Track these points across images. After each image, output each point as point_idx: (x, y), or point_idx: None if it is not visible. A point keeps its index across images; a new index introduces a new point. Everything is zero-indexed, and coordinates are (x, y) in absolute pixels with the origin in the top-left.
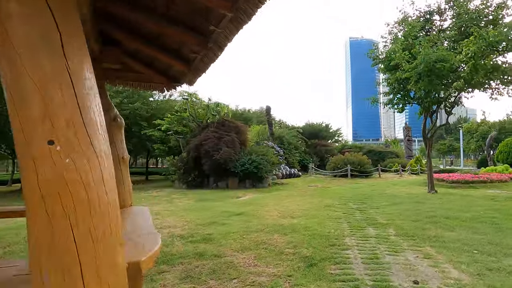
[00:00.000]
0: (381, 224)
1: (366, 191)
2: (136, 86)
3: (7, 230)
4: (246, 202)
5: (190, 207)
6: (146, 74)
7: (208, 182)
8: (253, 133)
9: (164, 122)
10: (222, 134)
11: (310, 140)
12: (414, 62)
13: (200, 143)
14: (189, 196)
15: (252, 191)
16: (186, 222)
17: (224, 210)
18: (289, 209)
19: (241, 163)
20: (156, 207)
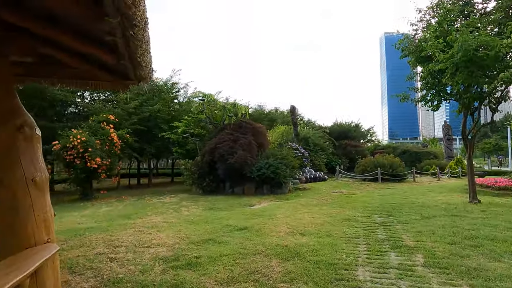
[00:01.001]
0: (407, 248)
1: (395, 200)
2: (79, 85)
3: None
4: (257, 213)
5: (194, 218)
6: (84, 70)
7: (224, 187)
8: (277, 134)
9: (181, 124)
10: (238, 137)
11: (338, 141)
12: (450, 51)
13: (214, 146)
14: (199, 204)
15: (268, 198)
16: (179, 238)
17: (228, 223)
18: (302, 222)
19: (258, 168)
20: (157, 218)
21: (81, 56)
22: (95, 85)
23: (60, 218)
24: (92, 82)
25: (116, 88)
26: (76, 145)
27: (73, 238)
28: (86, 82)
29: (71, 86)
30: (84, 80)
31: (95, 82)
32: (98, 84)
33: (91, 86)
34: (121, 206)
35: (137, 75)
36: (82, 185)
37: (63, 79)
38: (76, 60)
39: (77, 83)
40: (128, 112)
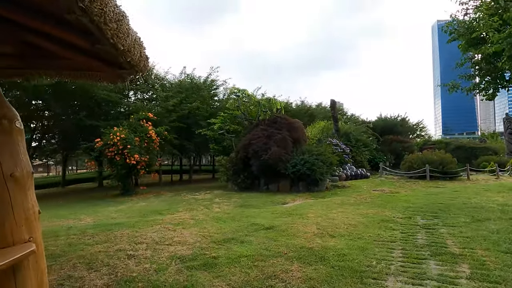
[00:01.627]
0: (450, 256)
1: (444, 199)
2: (76, 77)
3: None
4: (287, 211)
5: (222, 215)
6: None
7: (258, 184)
8: (316, 130)
9: (217, 121)
10: (272, 132)
11: (383, 136)
12: (508, 30)
13: (248, 143)
14: (231, 201)
15: (303, 196)
16: (202, 236)
17: (255, 221)
18: (334, 223)
19: (293, 164)
20: (186, 215)
21: (72, 46)
22: (92, 76)
23: (96, 212)
24: (89, 73)
25: (114, 80)
26: (116, 142)
27: (100, 233)
28: (83, 73)
29: (69, 78)
30: (81, 71)
31: (91, 73)
32: (95, 75)
33: (88, 77)
34: (157, 202)
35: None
36: (123, 181)
37: (60, 71)
38: (68, 51)
39: (75, 75)
40: (168, 109)
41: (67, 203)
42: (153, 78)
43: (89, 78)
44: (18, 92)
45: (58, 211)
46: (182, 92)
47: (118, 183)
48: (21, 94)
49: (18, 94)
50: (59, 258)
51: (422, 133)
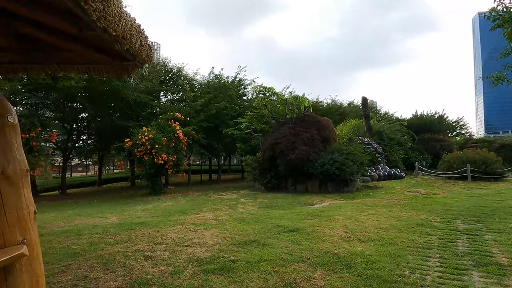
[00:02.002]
0: (497, 266)
1: (488, 202)
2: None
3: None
4: (314, 213)
5: (246, 216)
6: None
7: (286, 185)
8: (347, 128)
9: (244, 120)
10: (299, 131)
11: (419, 135)
12: None
13: (274, 142)
14: (257, 201)
15: (332, 197)
16: (222, 238)
17: (279, 223)
18: (363, 226)
19: (321, 164)
20: (210, 215)
21: (66, 35)
22: (97, 70)
23: (123, 211)
24: (93, 66)
25: (120, 73)
26: (145, 142)
27: (122, 232)
28: (86, 66)
29: (72, 71)
30: (84, 65)
31: (96, 67)
32: (100, 69)
33: (94, 71)
34: (183, 201)
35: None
36: (152, 180)
37: (63, 65)
38: (64, 41)
39: (78, 68)
40: (196, 109)
41: (99, 202)
42: (182, 79)
43: (95, 72)
44: (56, 94)
45: (88, 209)
46: (210, 92)
47: (147, 183)
48: (59, 96)
49: (57, 97)
50: (79, 257)
51: (463, 131)
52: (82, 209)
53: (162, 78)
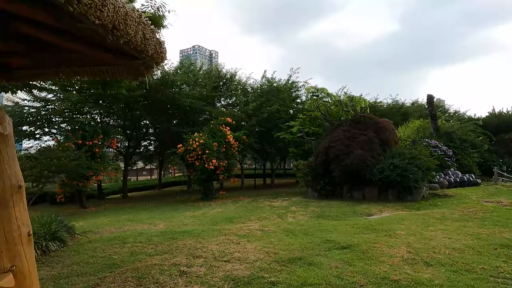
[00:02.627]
0: None
1: None
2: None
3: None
4: (371, 225)
5: (295, 227)
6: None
7: (341, 191)
8: (410, 130)
9: (296, 123)
10: (355, 134)
11: (497, 135)
12: None
13: (328, 145)
14: (308, 210)
15: (393, 206)
16: (265, 253)
17: (330, 237)
18: (431, 245)
19: (380, 169)
20: (256, 224)
21: (65, 34)
22: (109, 72)
23: (172, 218)
24: (105, 68)
25: (134, 75)
26: (196, 148)
27: (164, 242)
28: (98, 69)
29: (85, 75)
30: (94, 66)
31: (107, 68)
32: (112, 70)
33: (105, 73)
34: (232, 208)
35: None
36: (203, 186)
37: (75, 68)
38: (66, 40)
39: (90, 71)
40: (247, 114)
41: (154, 207)
42: (235, 84)
43: (108, 74)
44: (122, 104)
45: (141, 214)
46: (262, 96)
47: (199, 188)
48: (122, 106)
49: (120, 106)
50: (116, 269)
51: None
52: (136, 214)
53: (216, 84)
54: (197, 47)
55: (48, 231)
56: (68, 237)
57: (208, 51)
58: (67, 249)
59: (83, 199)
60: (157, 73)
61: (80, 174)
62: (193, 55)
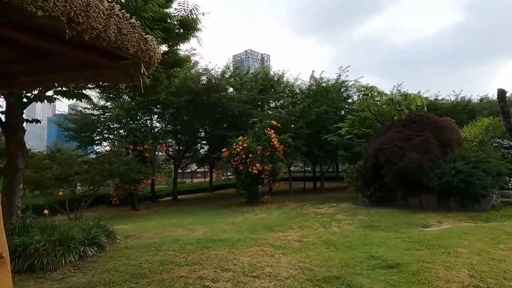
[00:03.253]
0: None
1: None
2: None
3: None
4: (426, 239)
5: (338, 238)
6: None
7: (394, 198)
8: (478, 129)
9: (344, 124)
10: (409, 135)
11: None
12: None
13: (378, 148)
14: (356, 218)
15: (455, 217)
16: (299, 269)
17: (376, 252)
18: (499, 268)
19: (439, 174)
20: (296, 234)
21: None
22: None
23: (213, 223)
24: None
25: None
26: (239, 152)
27: (197, 251)
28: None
29: (82, 80)
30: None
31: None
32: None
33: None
34: (276, 214)
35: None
36: (248, 190)
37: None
38: (56, 44)
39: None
40: (294, 115)
41: (200, 210)
42: (282, 86)
43: (103, 78)
44: (171, 110)
45: (185, 219)
46: (309, 97)
47: (245, 192)
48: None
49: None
50: (143, 279)
51: None
52: (181, 218)
53: (262, 87)
54: (249, 51)
55: (87, 236)
56: (108, 242)
57: (260, 55)
58: (104, 254)
59: (135, 201)
60: (203, 78)
61: (130, 178)
62: (245, 59)
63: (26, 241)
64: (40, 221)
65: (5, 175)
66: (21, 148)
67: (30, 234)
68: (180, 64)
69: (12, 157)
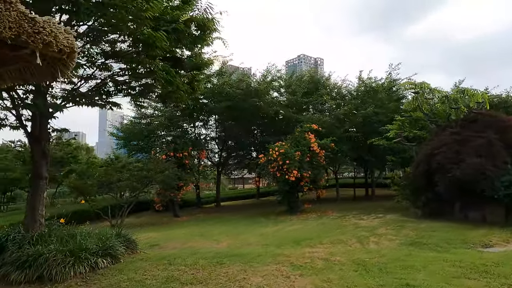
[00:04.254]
0: None
1: None
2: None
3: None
4: (483, 265)
5: (372, 258)
6: None
7: (451, 210)
8: None
9: (393, 127)
10: (468, 137)
11: None
12: None
13: (430, 152)
14: (401, 233)
15: None
16: None
17: (414, 280)
18: None
19: (506, 183)
20: (324, 251)
21: None
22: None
23: (240, 234)
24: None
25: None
26: (276, 158)
27: (208, 267)
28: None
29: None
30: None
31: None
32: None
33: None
34: (312, 225)
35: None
36: (287, 198)
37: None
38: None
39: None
40: (339, 118)
41: (237, 219)
42: (329, 88)
43: (26, 74)
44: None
45: (216, 228)
46: (356, 98)
47: (283, 200)
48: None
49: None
50: None
51: None
52: (213, 226)
53: (306, 90)
54: (302, 56)
55: (102, 247)
56: (127, 252)
57: (313, 59)
58: (116, 266)
59: (176, 208)
60: (243, 85)
61: (170, 185)
62: (298, 64)
63: (39, 250)
64: (61, 230)
65: (30, 183)
66: (45, 157)
67: (45, 244)
68: (201, 68)
69: (36, 165)
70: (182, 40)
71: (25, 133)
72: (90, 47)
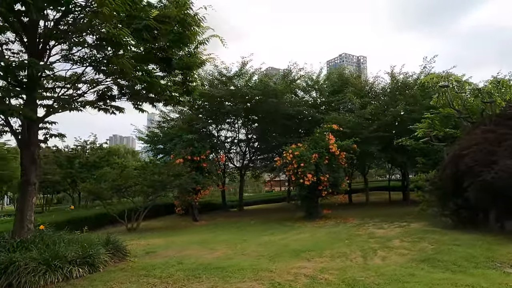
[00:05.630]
0: None
1: None
2: None
3: None
4: None
5: (367, 278)
6: None
7: (486, 219)
8: None
9: (422, 125)
10: (504, 135)
11: None
12: None
13: (458, 153)
14: (418, 246)
15: None
16: None
17: None
18: None
19: None
20: (317, 265)
21: None
22: None
23: (243, 242)
24: None
25: None
26: (291, 160)
27: (184, 280)
28: None
29: None
30: None
31: None
32: None
33: None
34: (321, 234)
35: None
36: (306, 203)
37: None
38: None
39: None
40: (365, 118)
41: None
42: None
43: None
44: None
45: (223, 234)
46: (387, 95)
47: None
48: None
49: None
50: None
51: None
52: (220, 233)
53: (334, 89)
54: (343, 55)
55: (82, 255)
56: (111, 260)
57: (355, 57)
58: (92, 276)
59: (195, 212)
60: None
61: (186, 189)
62: (340, 63)
63: (13, 258)
64: (50, 236)
65: (19, 189)
66: (34, 162)
67: (25, 250)
68: (192, 68)
69: (25, 171)
70: (159, 38)
71: (15, 139)
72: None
